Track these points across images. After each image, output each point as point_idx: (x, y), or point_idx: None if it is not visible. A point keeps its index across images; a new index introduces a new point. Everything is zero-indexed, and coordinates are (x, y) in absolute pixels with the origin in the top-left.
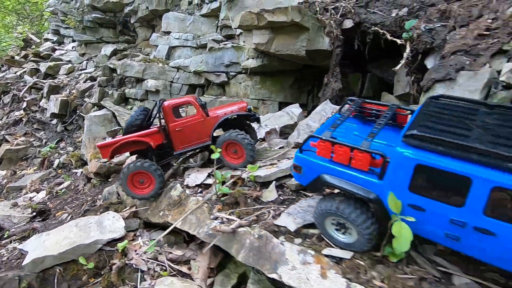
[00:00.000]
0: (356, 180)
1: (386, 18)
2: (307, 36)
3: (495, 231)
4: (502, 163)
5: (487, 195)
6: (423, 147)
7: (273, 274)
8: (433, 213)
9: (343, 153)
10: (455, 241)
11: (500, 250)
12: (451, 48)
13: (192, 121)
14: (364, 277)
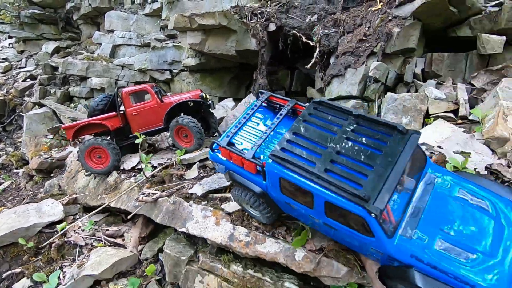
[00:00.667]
0: (250, 178)
1: (302, 23)
2: (236, 38)
3: (334, 226)
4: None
5: (323, 204)
6: (283, 165)
7: (183, 228)
8: (299, 210)
9: (236, 159)
10: (318, 228)
11: (340, 236)
12: (341, 50)
13: (147, 106)
14: (246, 223)
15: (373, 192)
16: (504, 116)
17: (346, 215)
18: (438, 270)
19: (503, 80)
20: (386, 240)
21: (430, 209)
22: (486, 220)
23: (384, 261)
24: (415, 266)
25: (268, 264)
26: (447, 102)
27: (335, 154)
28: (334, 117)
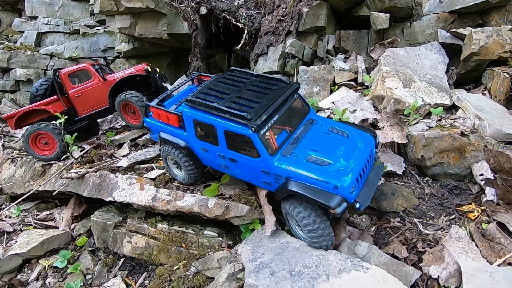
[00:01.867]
0: (175, 134)
1: (231, 6)
2: (167, 21)
3: (235, 158)
4: (224, 115)
5: (223, 136)
6: (195, 108)
7: (109, 197)
8: (211, 152)
9: (163, 116)
10: (226, 169)
11: (241, 170)
12: (264, 30)
13: (90, 86)
14: (169, 185)
15: (255, 116)
16: (383, 79)
17: (239, 141)
18: (306, 175)
19: (386, 50)
20: (269, 157)
21: (305, 139)
22: (343, 142)
23: (274, 184)
24: (291, 177)
25: (192, 221)
26: (349, 72)
27: (235, 97)
28: (240, 77)
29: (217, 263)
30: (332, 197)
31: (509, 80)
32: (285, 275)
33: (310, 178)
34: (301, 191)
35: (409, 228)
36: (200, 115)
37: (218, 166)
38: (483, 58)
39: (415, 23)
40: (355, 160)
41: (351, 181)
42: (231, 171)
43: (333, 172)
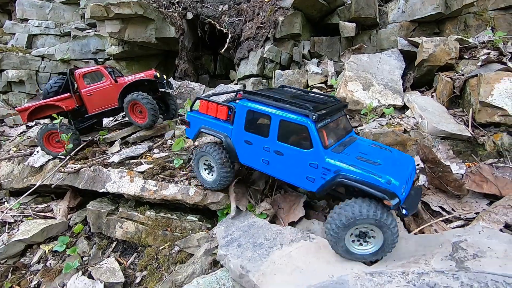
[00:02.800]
0: (219, 127)
1: (216, 12)
2: (155, 26)
3: (282, 151)
4: (284, 106)
5: (277, 126)
6: (252, 99)
7: (103, 189)
8: (256, 145)
9: (213, 108)
10: (266, 165)
11: (283, 165)
12: (245, 35)
13: (102, 87)
14: (156, 177)
15: (314, 109)
16: (346, 82)
17: (294, 132)
18: (358, 171)
19: (351, 56)
20: (322, 149)
21: (353, 146)
22: (388, 155)
23: (318, 180)
24: (341, 171)
25: (177, 209)
26: (320, 76)
27: (292, 98)
28: (292, 90)
29: (196, 242)
30: (386, 191)
31: (452, 84)
32: (249, 246)
33: (362, 174)
34: (354, 182)
35: None
36: (257, 105)
37: (258, 162)
38: (433, 64)
39: (381, 30)
40: (401, 169)
41: (401, 181)
42: (271, 167)
43: (385, 170)
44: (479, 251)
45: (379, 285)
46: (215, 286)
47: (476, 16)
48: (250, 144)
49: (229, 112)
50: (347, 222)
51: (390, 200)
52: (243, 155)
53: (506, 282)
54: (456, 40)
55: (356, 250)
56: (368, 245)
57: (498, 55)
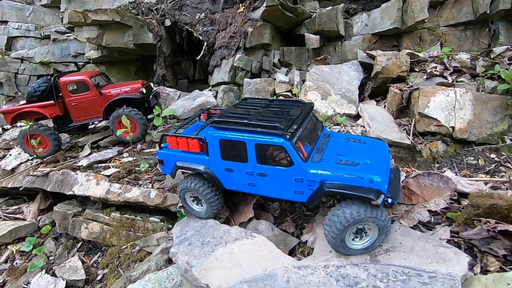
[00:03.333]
0: (195, 160)
1: (193, 20)
2: (133, 32)
3: (265, 172)
4: (255, 129)
5: (254, 151)
6: (220, 128)
7: (70, 191)
8: (237, 171)
9: (183, 143)
10: (252, 187)
11: (270, 184)
12: (218, 44)
13: (87, 98)
14: (121, 181)
15: (285, 127)
16: (306, 92)
17: (271, 153)
18: (341, 175)
19: (313, 67)
20: (303, 164)
21: (329, 148)
22: (363, 148)
23: (306, 192)
24: (326, 180)
25: (143, 211)
26: (287, 84)
27: (259, 116)
28: (256, 103)
29: (156, 242)
30: (371, 191)
31: (400, 95)
32: (197, 244)
33: (345, 177)
34: (341, 189)
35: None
36: (228, 134)
37: (244, 186)
38: (386, 76)
39: (345, 42)
40: (379, 160)
41: (382, 175)
42: (258, 188)
43: (365, 169)
44: (392, 246)
45: (303, 276)
46: (165, 281)
47: (429, 31)
48: (231, 171)
49: (201, 143)
50: (347, 224)
51: (377, 199)
52: (227, 182)
53: (404, 272)
54: (408, 54)
55: (355, 246)
56: (366, 238)
57: (444, 69)
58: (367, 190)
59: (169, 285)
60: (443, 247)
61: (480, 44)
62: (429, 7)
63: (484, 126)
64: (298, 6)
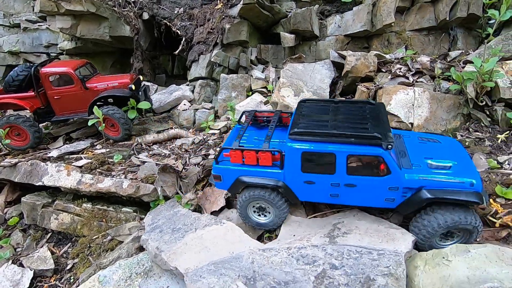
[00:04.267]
0: (266, 174)
1: (172, 14)
2: (109, 24)
3: (355, 183)
4: (348, 140)
5: (345, 162)
6: (303, 140)
7: (39, 182)
8: (320, 183)
9: (251, 156)
10: (336, 197)
11: (358, 195)
12: (196, 39)
13: (71, 91)
14: (93, 172)
15: (383, 136)
16: (279, 88)
17: (365, 163)
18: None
19: (288, 65)
20: (400, 172)
21: (410, 151)
22: (442, 148)
23: (398, 199)
24: (425, 187)
25: (116, 202)
26: (263, 81)
27: (336, 122)
28: (321, 105)
29: (128, 231)
30: (473, 194)
31: (367, 93)
32: (168, 231)
33: (445, 183)
34: (443, 195)
35: None
36: (313, 146)
37: (325, 197)
38: (355, 75)
39: (319, 42)
40: (464, 161)
41: (478, 178)
42: (343, 198)
43: (460, 172)
44: (349, 229)
45: (266, 258)
46: (135, 266)
47: (397, 35)
48: (313, 183)
49: (274, 154)
50: (439, 230)
51: (482, 202)
52: (304, 194)
53: (357, 251)
54: (375, 56)
55: (441, 245)
56: (454, 239)
57: (407, 70)
58: (469, 194)
59: (139, 270)
60: (393, 228)
61: (441, 48)
62: (397, 12)
63: (439, 123)
64: (274, 5)
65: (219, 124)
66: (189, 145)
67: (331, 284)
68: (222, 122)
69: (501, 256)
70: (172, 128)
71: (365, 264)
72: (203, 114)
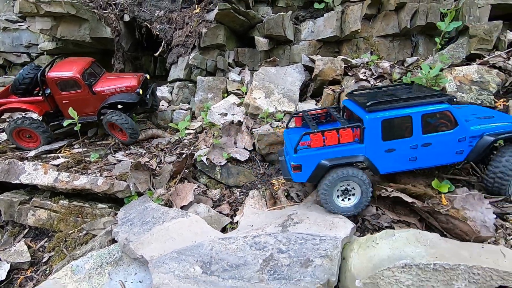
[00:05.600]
0: (347, 152)
1: (152, 16)
2: (89, 26)
3: (431, 141)
4: (419, 102)
5: (420, 122)
6: (381, 109)
7: (16, 180)
8: (400, 148)
9: (332, 136)
10: (413, 161)
11: (432, 153)
12: (175, 42)
13: (79, 96)
14: (69, 170)
15: (446, 95)
16: (251, 91)
17: (436, 120)
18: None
19: (261, 68)
20: (465, 123)
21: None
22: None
23: (466, 149)
24: (485, 132)
25: (94, 199)
26: (238, 83)
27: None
28: (369, 91)
29: (102, 225)
30: None
31: (333, 96)
32: (138, 224)
33: (501, 126)
34: (505, 134)
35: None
36: (391, 113)
37: (405, 163)
38: (323, 79)
39: (293, 46)
40: (495, 112)
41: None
42: (419, 161)
43: (502, 118)
44: (300, 219)
45: (224, 245)
46: (106, 256)
47: (365, 40)
48: (393, 150)
49: (354, 130)
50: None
51: None
52: (384, 165)
53: (303, 237)
54: (342, 60)
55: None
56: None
57: (371, 74)
58: None
59: (110, 260)
60: (338, 218)
61: (404, 53)
62: (365, 19)
63: None
64: (249, 11)
65: (195, 125)
66: (165, 145)
67: (275, 265)
68: (198, 123)
69: (419, 239)
70: (150, 129)
71: (308, 248)
72: (180, 114)
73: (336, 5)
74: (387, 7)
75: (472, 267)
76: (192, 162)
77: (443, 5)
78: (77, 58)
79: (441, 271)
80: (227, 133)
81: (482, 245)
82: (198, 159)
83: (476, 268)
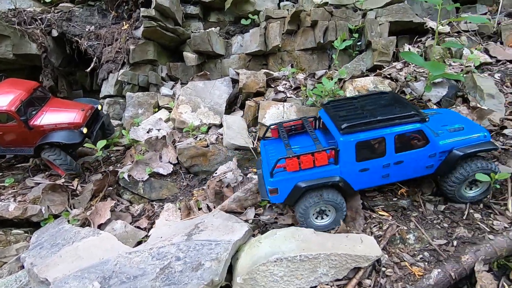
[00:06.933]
0: (323, 174)
1: (83, 32)
2: (11, 42)
3: (403, 159)
4: (392, 123)
5: (393, 142)
6: (356, 132)
7: None
8: (374, 168)
9: (308, 160)
10: (386, 178)
11: (404, 169)
12: (105, 58)
13: (13, 129)
14: None
15: (419, 113)
16: (178, 106)
17: (409, 139)
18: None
19: (189, 82)
20: (436, 139)
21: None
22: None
23: (436, 164)
24: (455, 147)
25: (9, 225)
26: (169, 97)
27: (370, 112)
28: (343, 104)
29: (15, 252)
30: (490, 143)
31: (255, 107)
32: (47, 247)
33: (470, 139)
34: (473, 149)
35: (156, 209)
36: (365, 135)
37: (377, 180)
38: (248, 91)
39: (224, 60)
40: (466, 121)
41: (485, 130)
42: (393, 177)
43: (473, 130)
44: (206, 227)
45: (129, 259)
46: (12, 283)
47: (288, 53)
48: (367, 170)
49: (328, 152)
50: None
51: (496, 146)
52: (358, 183)
53: (202, 244)
54: (264, 73)
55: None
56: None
57: (290, 86)
58: (488, 144)
59: (15, 286)
60: (237, 223)
61: (323, 65)
62: (288, 34)
63: None
64: (177, 28)
65: (123, 141)
66: (91, 163)
67: (170, 272)
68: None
69: (295, 235)
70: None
71: (203, 253)
72: None
73: (261, 21)
74: (304, 24)
75: (330, 255)
76: (116, 179)
77: (352, 21)
78: (19, 82)
79: (306, 261)
80: (153, 148)
81: (347, 234)
82: (120, 176)
83: (334, 255)
